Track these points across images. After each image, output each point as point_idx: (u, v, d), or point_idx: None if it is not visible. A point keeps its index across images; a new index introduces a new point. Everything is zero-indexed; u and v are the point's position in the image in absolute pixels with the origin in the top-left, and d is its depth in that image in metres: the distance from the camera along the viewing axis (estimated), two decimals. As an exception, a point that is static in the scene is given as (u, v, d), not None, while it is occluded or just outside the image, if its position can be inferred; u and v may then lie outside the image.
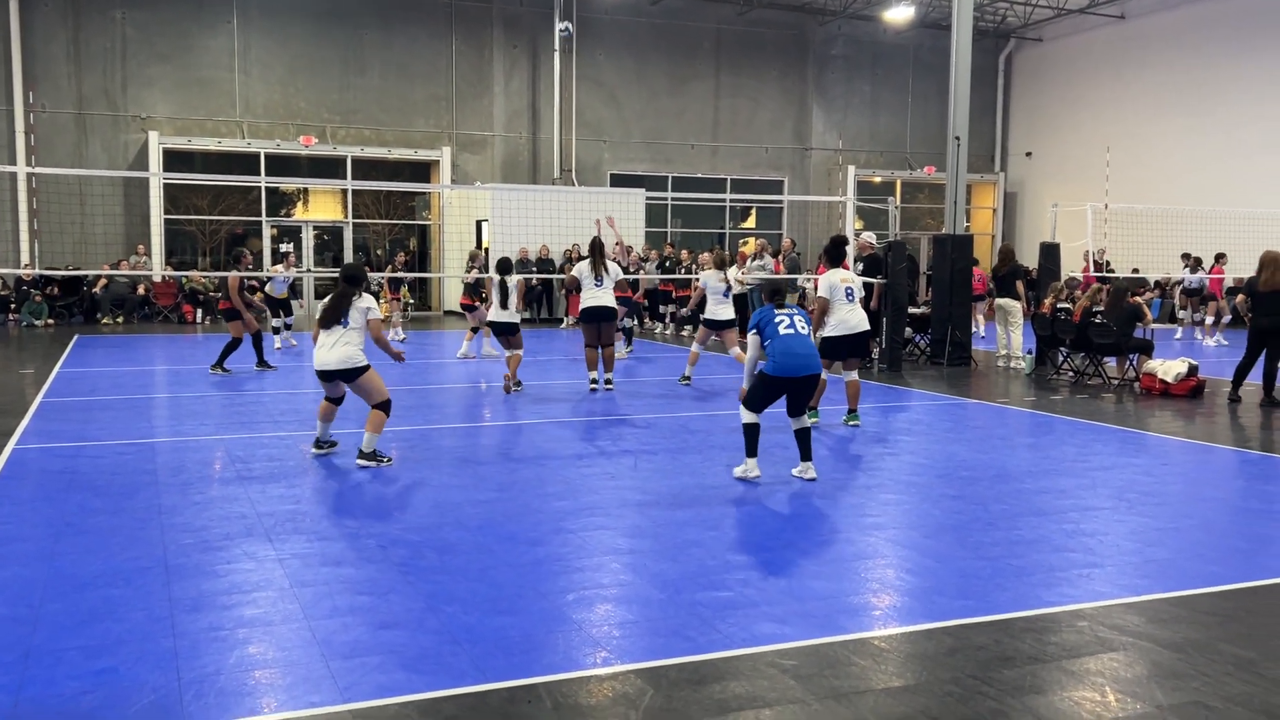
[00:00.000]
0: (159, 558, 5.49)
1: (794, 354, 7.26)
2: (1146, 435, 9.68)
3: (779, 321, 7.36)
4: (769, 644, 4.40)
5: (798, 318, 7.42)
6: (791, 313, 7.44)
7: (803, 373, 7.30)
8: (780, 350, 7.27)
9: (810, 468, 7.53)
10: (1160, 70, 25.95)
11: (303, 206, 25.39)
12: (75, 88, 22.23)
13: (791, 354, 7.26)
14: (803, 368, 7.29)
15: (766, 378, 7.34)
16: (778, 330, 7.32)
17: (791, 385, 7.34)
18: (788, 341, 7.28)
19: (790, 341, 7.28)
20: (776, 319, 7.38)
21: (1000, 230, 30.44)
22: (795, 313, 7.46)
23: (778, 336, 7.30)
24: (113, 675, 4.01)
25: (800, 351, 7.29)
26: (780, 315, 7.40)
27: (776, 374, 7.28)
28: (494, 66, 25.39)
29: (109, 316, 21.06)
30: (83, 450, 8.36)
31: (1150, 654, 4.36)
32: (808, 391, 7.43)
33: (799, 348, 7.29)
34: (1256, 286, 11.51)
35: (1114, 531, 6.26)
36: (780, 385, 7.34)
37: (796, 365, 7.26)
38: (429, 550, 5.69)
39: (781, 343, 7.28)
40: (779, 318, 7.38)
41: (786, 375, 7.27)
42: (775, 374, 7.28)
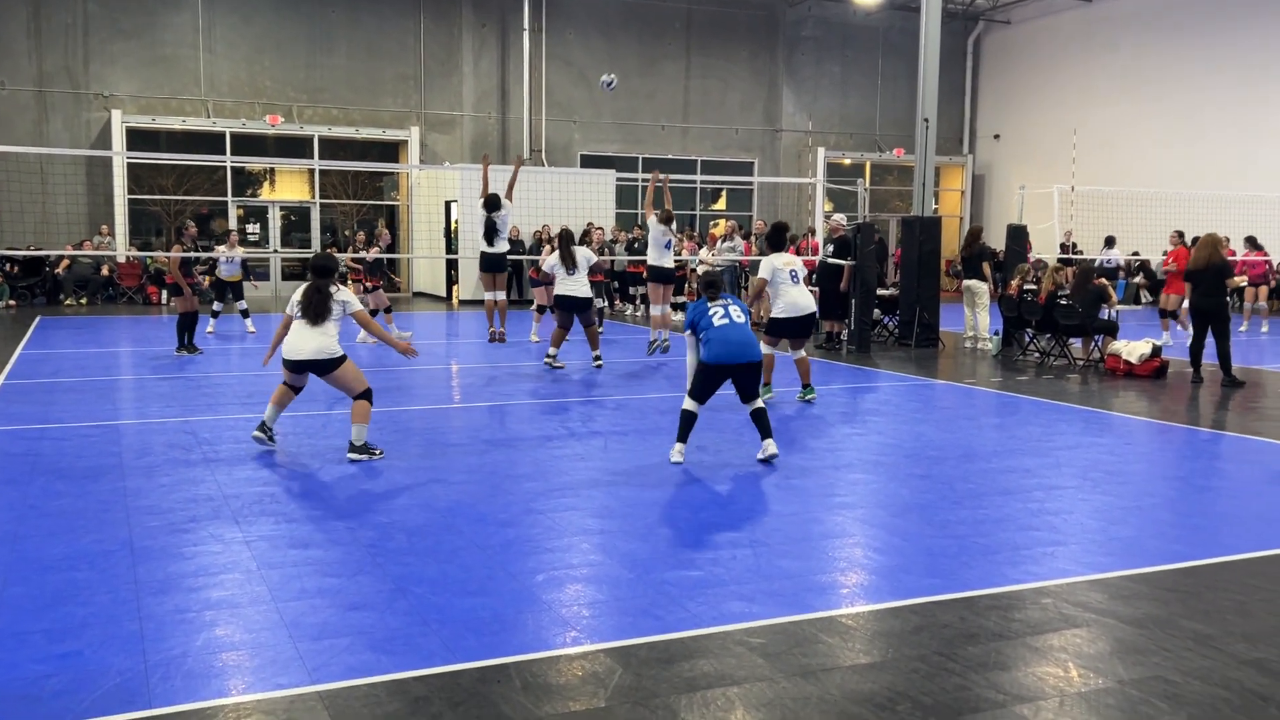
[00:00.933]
0: (124, 540, 5.44)
1: (730, 341, 7.31)
2: (1111, 415, 9.80)
3: (713, 314, 7.43)
4: (737, 622, 4.43)
5: (733, 307, 7.48)
6: (725, 304, 7.50)
7: (741, 360, 7.34)
8: (717, 339, 7.32)
9: (771, 444, 7.57)
10: (1127, 54, 26.15)
11: (269, 186, 25.13)
12: (36, 65, 21.84)
13: (728, 342, 7.31)
14: (740, 355, 7.33)
15: (706, 367, 7.39)
16: (712, 322, 7.39)
17: (732, 372, 7.39)
18: (724, 331, 7.34)
19: (726, 330, 7.34)
20: (710, 311, 7.45)
21: (968, 212, 30.61)
22: (730, 302, 7.53)
23: (713, 327, 7.37)
24: (77, 658, 3.97)
25: (736, 339, 7.34)
26: (714, 308, 7.46)
27: (714, 362, 7.33)
28: (463, 46, 25.19)
29: (72, 298, 20.78)
30: (46, 433, 8.26)
31: (1113, 630, 4.43)
32: (751, 378, 7.45)
33: (735, 335, 7.34)
34: (1192, 267, 11.77)
35: (1078, 510, 6.34)
36: (720, 373, 7.37)
37: (733, 353, 7.31)
38: (398, 532, 5.67)
39: (718, 332, 7.33)
40: (712, 310, 7.45)
41: (724, 363, 7.31)
42: (713, 362, 7.33)
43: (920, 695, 3.77)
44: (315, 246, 23.99)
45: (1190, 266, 11.90)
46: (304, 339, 7.49)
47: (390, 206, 25.89)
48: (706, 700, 3.71)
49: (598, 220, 23.04)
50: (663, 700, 3.70)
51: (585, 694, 3.76)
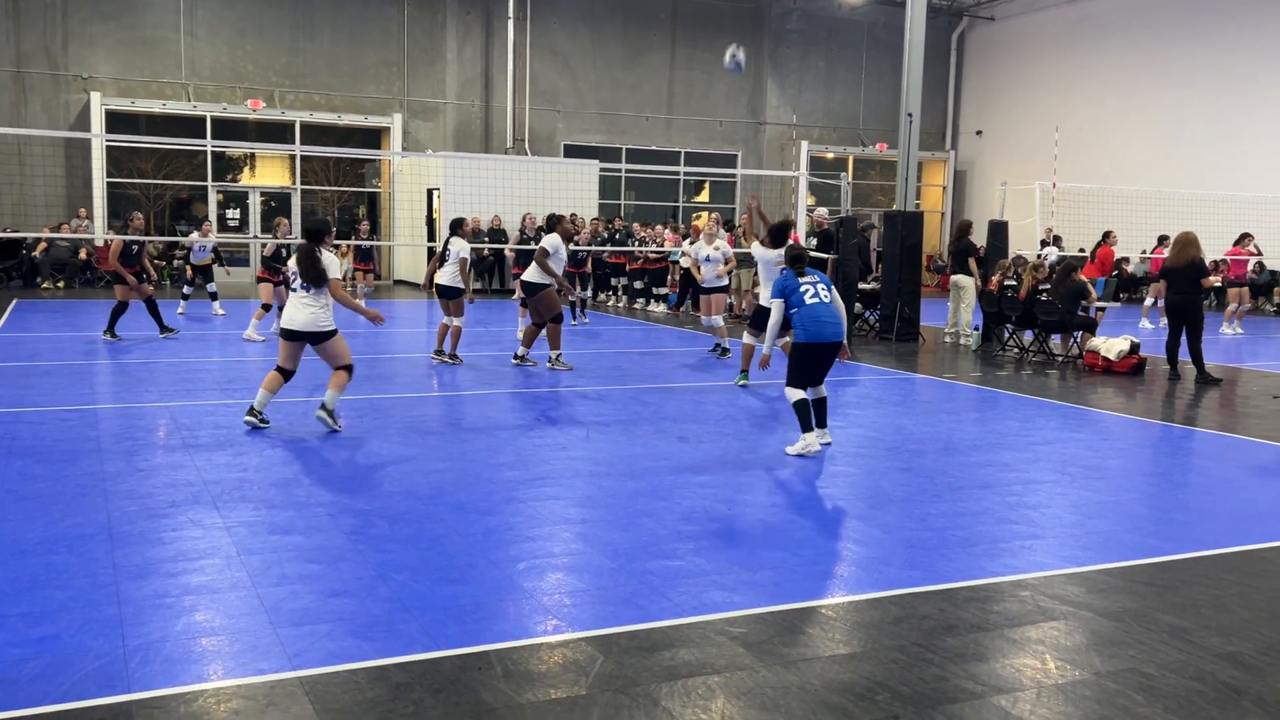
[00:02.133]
0: (103, 524, 5.40)
1: (822, 321, 7.35)
2: (1089, 411, 9.87)
3: (804, 290, 7.39)
4: (718, 612, 4.44)
5: (821, 286, 7.47)
6: (815, 281, 7.48)
7: (830, 339, 7.38)
8: (810, 318, 7.33)
9: (825, 433, 7.69)
10: (1110, 51, 26.29)
11: (250, 172, 24.95)
12: (14, 45, 21.60)
13: (820, 321, 7.34)
14: (832, 334, 7.38)
15: (802, 348, 7.39)
16: (804, 299, 7.36)
17: (822, 351, 7.41)
18: (815, 310, 7.35)
19: (818, 310, 7.36)
20: (802, 287, 7.41)
21: (950, 208, 30.74)
22: (819, 280, 7.51)
23: (804, 305, 7.35)
24: (55, 642, 3.95)
25: (828, 319, 7.37)
26: (804, 284, 7.43)
27: (810, 341, 7.36)
28: (447, 33, 25.06)
29: (49, 281, 20.60)
30: (22, 416, 8.19)
31: (1089, 623, 4.47)
32: (831, 359, 7.51)
33: (826, 315, 7.37)
34: (1168, 265, 11.89)
35: (1056, 504, 6.39)
36: (817, 351, 7.39)
37: (825, 332, 7.34)
38: (379, 519, 5.66)
39: (810, 311, 7.34)
40: (804, 286, 7.42)
41: (818, 341, 7.35)
42: (809, 341, 7.37)
43: (899, 685, 3.80)
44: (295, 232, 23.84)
45: (1166, 265, 12.00)
46: (297, 310, 7.81)
47: (372, 194, 25.77)
48: (687, 689, 3.72)
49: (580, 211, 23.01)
50: (644, 689, 3.71)
51: (566, 682, 3.77)
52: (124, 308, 13.08)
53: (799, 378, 7.46)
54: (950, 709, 3.63)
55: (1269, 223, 19.84)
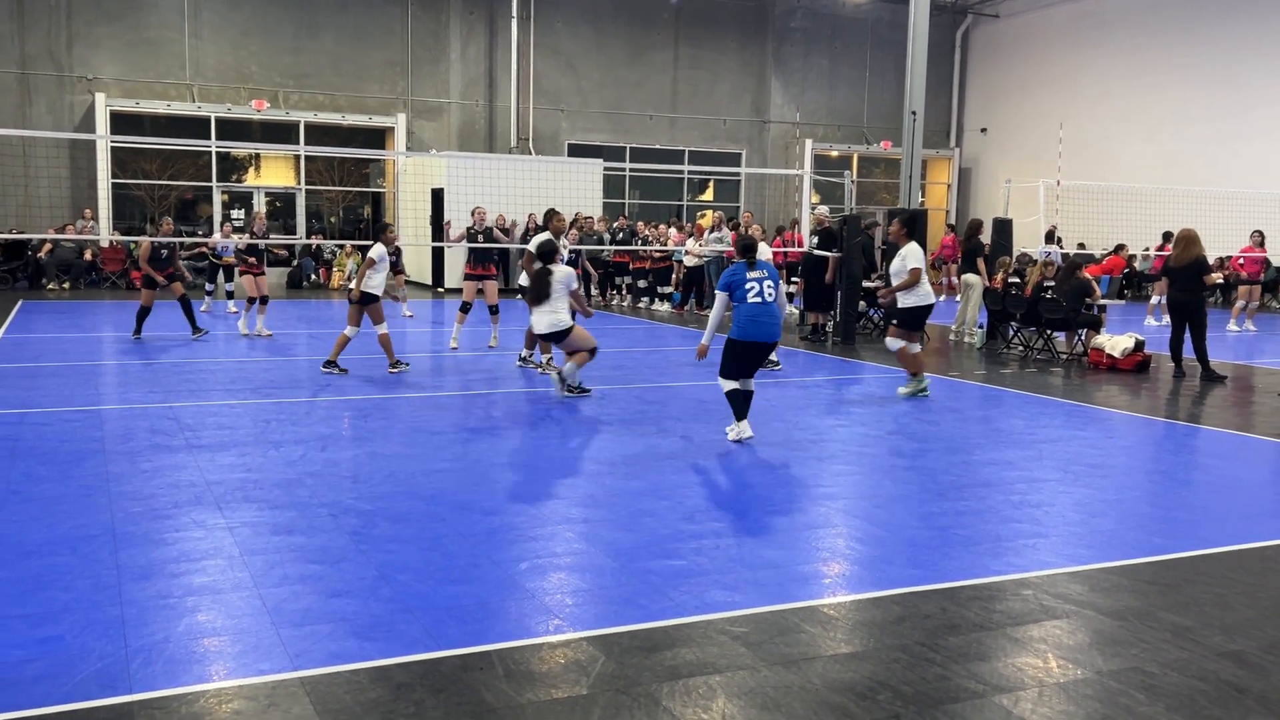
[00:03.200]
0: (106, 525, 5.42)
1: (758, 321, 7.49)
2: (1093, 409, 9.85)
3: (749, 288, 7.52)
4: (720, 611, 4.44)
5: (767, 283, 7.56)
6: (762, 278, 7.57)
7: (765, 339, 7.53)
8: (746, 316, 7.48)
9: (747, 427, 7.78)
10: (1115, 49, 26.23)
11: (254, 172, 24.99)
12: (18, 46, 21.64)
13: (757, 321, 7.49)
14: (767, 334, 7.52)
15: (733, 344, 7.55)
16: (746, 296, 7.50)
17: (753, 349, 7.57)
18: (754, 309, 7.49)
19: (757, 310, 7.49)
20: (747, 284, 7.53)
21: (955, 206, 30.69)
22: (766, 278, 7.59)
23: (745, 303, 7.49)
24: (58, 643, 3.96)
25: (765, 319, 7.50)
26: (750, 281, 7.53)
27: (743, 339, 7.52)
28: (450, 32, 25.07)
29: (54, 282, 20.64)
30: (27, 417, 8.21)
31: (1092, 622, 4.46)
32: (762, 358, 7.71)
33: (764, 315, 7.50)
34: (1170, 263, 11.86)
35: (1060, 502, 6.37)
36: (748, 349, 7.55)
37: (761, 332, 7.50)
38: (381, 519, 5.67)
39: (749, 309, 7.48)
40: (749, 283, 7.53)
41: (752, 340, 7.51)
42: (742, 339, 7.52)
43: (901, 685, 3.79)
44: (300, 233, 23.90)
45: (1168, 263, 11.97)
46: (540, 317, 9.45)
47: (376, 194, 25.79)
48: (689, 688, 3.72)
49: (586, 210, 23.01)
50: (645, 688, 3.71)
51: (568, 681, 3.77)
52: (148, 311, 13.17)
53: (731, 370, 7.63)
54: (952, 708, 3.63)
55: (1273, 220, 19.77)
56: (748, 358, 7.62)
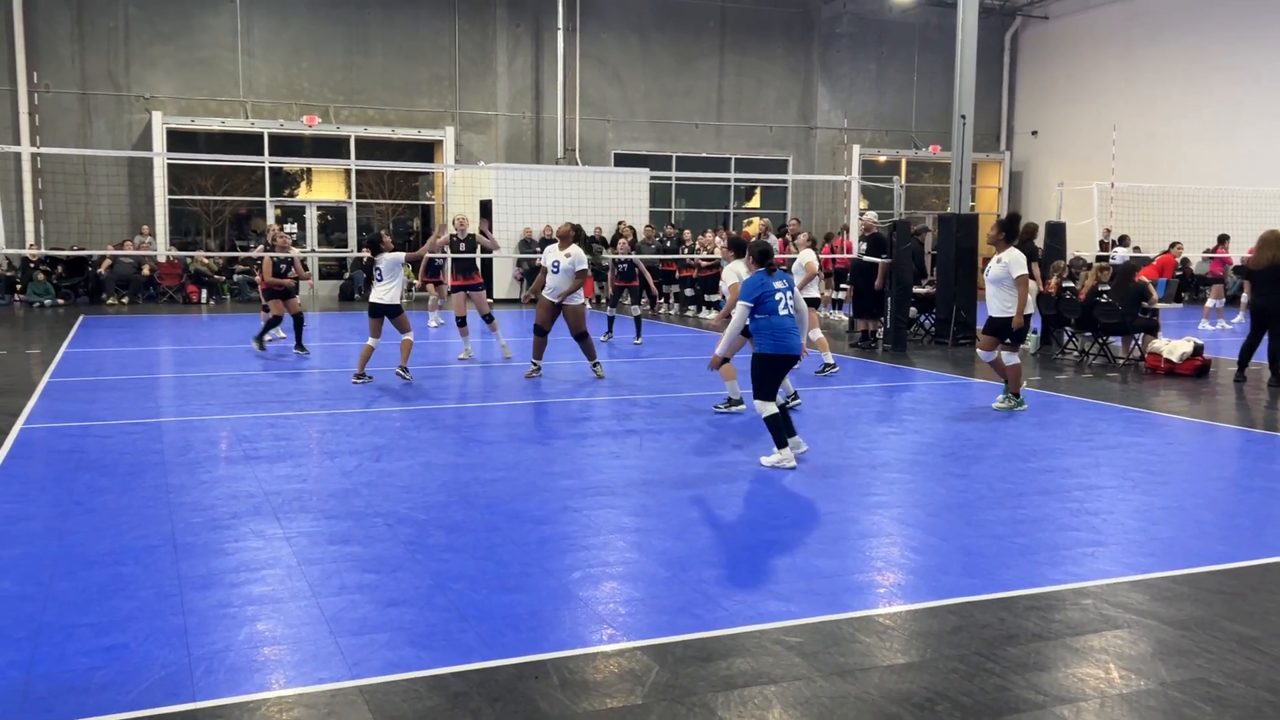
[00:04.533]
0: (167, 535, 5.52)
1: (789, 331, 7.21)
2: (1151, 414, 9.68)
3: (777, 299, 7.20)
4: (774, 621, 4.42)
5: (789, 295, 7.29)
6: (785, 288, 7.28)
7: (794, 351, 7.27)
8: (777, 329, 7.17)
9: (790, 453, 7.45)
10: (1167, 48, 25.80)
11: (306, 186, 25.35)
12: (79, 68, 22.16)
13: (787, 332, 7.20)
14: (794, 346, 7.27)
15: (765, 359, 7.21)
16: (776, 308, 7.16)
17: (786, 363, 7.30)
18: (784, 321, 7.19)
19: (786, 321, 7.21)
20: (775, 295, 7.20)
21: (1006, 210, 30.32)
22: (786, 287, 7.30)
23: (775, 315, 7.16)
24: (123, 651, 4.04)
25: (793, 330, 7.26)
26: (778, 291, 7.23)
27: (774, 353, 7.20)
28: (497, 46, 25.28)
29: (114, 297, 21.09)
30: (89, 430, 8.39)
31: (1155, 631, 4.38)
32: (789, 369, 7.45)
33: (792, 326, 7.25)
34: (1250, 265, 11.57)
35: (1119, 510, 6.27)
36: (781, 363, 7.26)
37: (791, 344, 7.22)
38: (436, 529, 5.72)
39: (779, 321, 7.17)
40: (776, 294, 7.21)
41: (782, 353, 7.21)
42: (771, 353, 7.21)
43: (959, 695, 3.75)
44: (352, 246, 24.19)
45: (1250, 265, 11.67)
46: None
47: (425, 206, 26.05)
48: (744, 699, 3.71)
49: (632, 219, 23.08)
50: (700, 698, 3.71)
51: (622, 691, 3.78)
52: (278, 320, 13.46)
53: (766, 389, 7.22)
54: (1012, 719, 3.58)
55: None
56: (782, 372, 7.33)
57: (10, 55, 21.49)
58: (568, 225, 11.48)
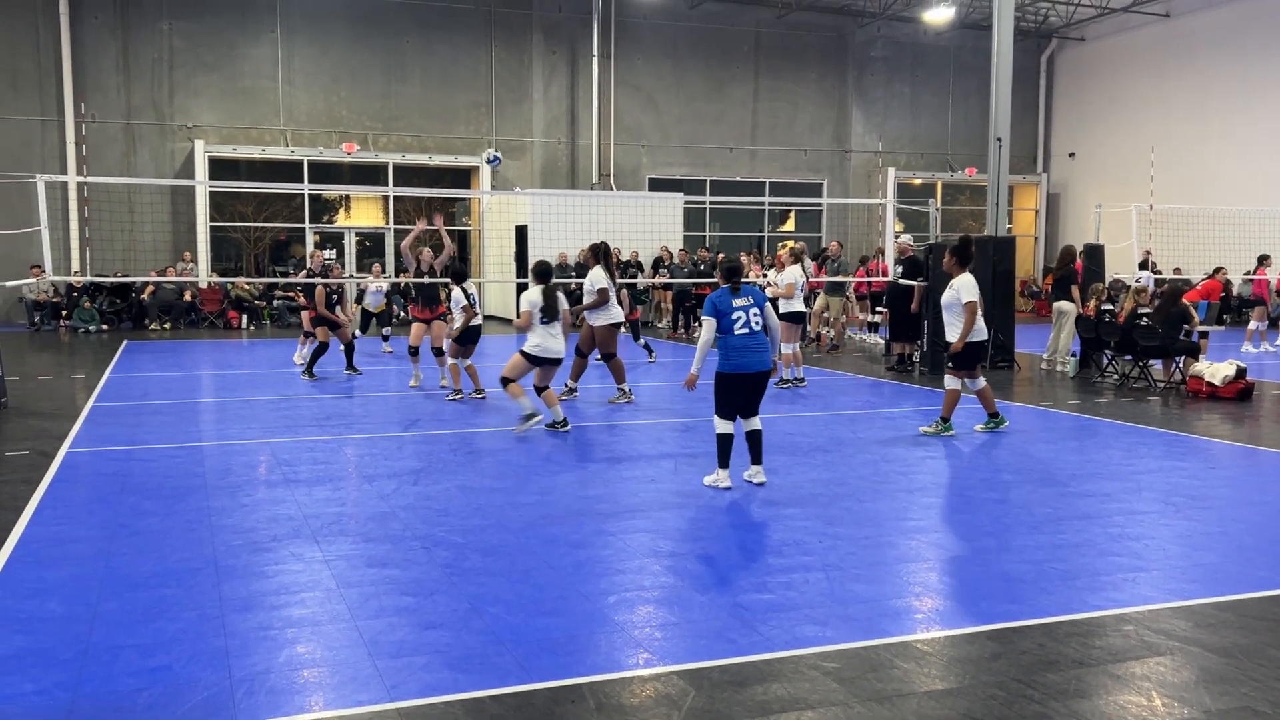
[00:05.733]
0: (209, 558, 5.59)
1: (745, 349, 7.16)
2: (1193, 438, 9.56)
3: (735, 318, 7.19)
4: (811, 646, 4.41)
5: (753, 312, 7.24)
6: (747, 305, 7.24)
7: (755, 369, 7.21)
8: (736, 348, 7.17)
9: (759, 471, 7.45)
10: (1206, 69, 25.59)
11: (345, 213, 25.69)
12: (124, 98, 22.64)
13: (745, 351, 7.16)
14: (755, 364, 7.20)
15: (722, 377, 7.24)
16: (733, 327, 7.18)
17: (744, 382, 7.24)
18: (743, 340, 7.17)
19: (746, 340, 7.17)
20: (734, 314, 7.19)
21: (1043, 232, 30.15)
22: (751, 304, 7.27)
23: (733, 334, 7.18)
24: (167, 672, 4.10)
25: (753, 348, 7.18)
26: (737, 310, 7.20)
27: (731, 372, 7.21)
28: (533, 73, 25.55)
29: (157, 322, 21.43)
30: (134, 454, 8.52)
31: (1198, 659, 4.32)
32: (759, 390, 7.34)
33: (753, 345, 7.19)
34: None
35: (1160, 535, 6.19)
36: (738, 382, 7.23)
37: (749, 362, 7.18)
38: (472, 552, 5.75)
39: (737, 340, 7.17)
40: (735, 313, 7.19)
41: (741, 372, 7.19)
42: (730, 372, 7.21)
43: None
44: (389, 271, 24.43)
45: None
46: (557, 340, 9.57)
47: (463, 232, 26.28)
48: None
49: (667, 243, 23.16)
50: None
51: (658, 715, 3.78)
52: (325, 348, 13.45)
53: (724, 407, 7.29)
54: (1052, 747, 3.54)
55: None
56: (741, 391, 7.28)
57: (59, 87, 22.00)
58: (587, 249, 11.69)
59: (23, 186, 19.00)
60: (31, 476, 7.61)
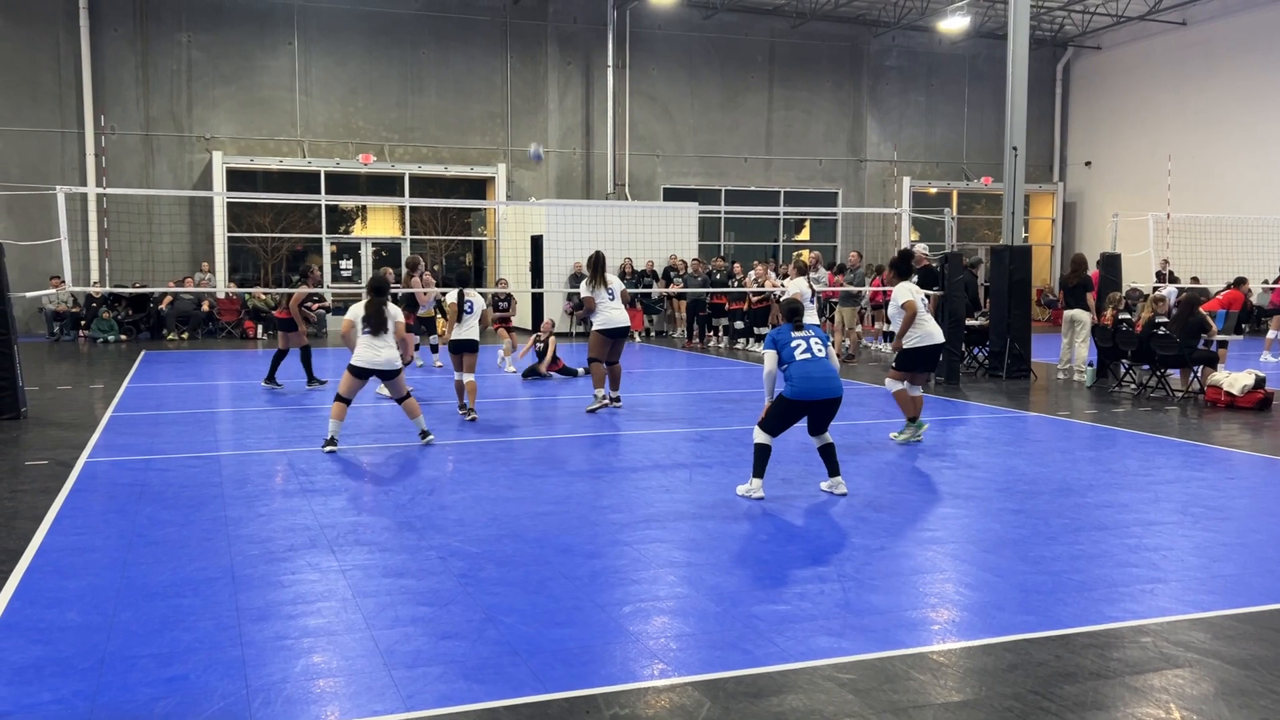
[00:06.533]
0: (226, 568, 5.62)
1: (812, 378, 7.27)
2: (1212, 449, 9.49)
3: (795, 346, 7.35)
4: (826, 658, 4.40)
5: (814, 341, 7.42)
6: (808, 335, 7.43)
7: (823, 396, 7.30)
8: (799, 375, 7.28)
9: (840, 482, 7.55)
10: (1223, 77, 25.49)
11: (361, 223, 25.80)
12: (143, 110, 22.82)
13: (809, 378, 7.27)
14: (823, 391, 7.30)
15: (786, 402, 7.34)
16: (794, 355, 7.32)
17: (812, 409, 7.35)
18: (805, 366, 7.29)
19: (808, 366, 7.29)
20: (793, 343, 7.37)
21: (1060, 241, 30.04)
22: (812, 334, 7.47)
23: (794, 361, 7.31)
24: (184, 682, 4.12)
25: (819, 375, 7.30)
26: (796, 340, 7.39)
27: (796, 398, 7.29)
28: (548, 83, 25.64)
29: (175, 332, 21.55)
30: (151, 463, 8.57)
31: (1217, 671, 4.29)
32: (829, 413, 7.43)
33: (816, 371, 7.30)
34: None
35: (1179, 546, 6.16)
36: (800, 408, 7.35)
37: (816, 389, 7.27)
38: (488, 562, 5.76)
39: (799, 368, 7.29)
40: (795, 341, 7.37)
41: (806, 399, 7.28)
42: (795, 398, 7.29)
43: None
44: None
45: None
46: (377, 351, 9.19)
47: (478, 242, 26.37)
48: (796, 735, 3.69)
49: (681, 253, 23.20)
50: (751, 734, 3.69)
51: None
52: (284, 355, 13.59)
53: (773, 425, 7.39)
54: (1069, 760, 3.52)
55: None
56: (804, 415, 7.39)
57: (78, 99, 22.19)
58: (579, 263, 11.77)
59: (43, 198, 19.16)
60: (50, 486, 7.66)
